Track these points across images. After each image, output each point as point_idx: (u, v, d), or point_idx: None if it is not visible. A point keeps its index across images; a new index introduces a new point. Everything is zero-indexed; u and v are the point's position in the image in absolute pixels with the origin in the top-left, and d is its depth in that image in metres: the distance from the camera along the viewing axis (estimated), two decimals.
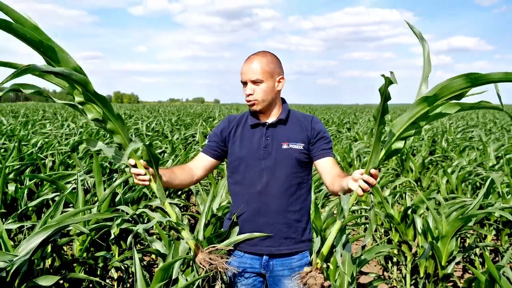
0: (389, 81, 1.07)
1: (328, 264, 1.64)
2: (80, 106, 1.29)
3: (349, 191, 1.37)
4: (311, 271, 1.44)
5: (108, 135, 6.98)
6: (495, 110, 1.07)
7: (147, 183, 1.42)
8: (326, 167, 1.66)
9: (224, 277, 1.49)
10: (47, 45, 1.15)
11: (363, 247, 3.06)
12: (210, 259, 1.48)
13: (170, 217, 1.47)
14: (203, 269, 1.48)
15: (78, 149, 1.49)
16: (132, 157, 1.40)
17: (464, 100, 1.15)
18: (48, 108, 26.88)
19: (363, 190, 1.30)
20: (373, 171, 1.29)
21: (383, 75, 1.07)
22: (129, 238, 1.41)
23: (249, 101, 1.68)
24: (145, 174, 1.41)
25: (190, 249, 1.55)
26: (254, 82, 1.66)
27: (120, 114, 1.34)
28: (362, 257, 2.15)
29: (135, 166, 1.41)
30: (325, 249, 1.42)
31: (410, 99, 1.35)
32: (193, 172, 1.72)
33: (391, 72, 1.07)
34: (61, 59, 1.19)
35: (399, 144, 1.25)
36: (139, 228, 1.40)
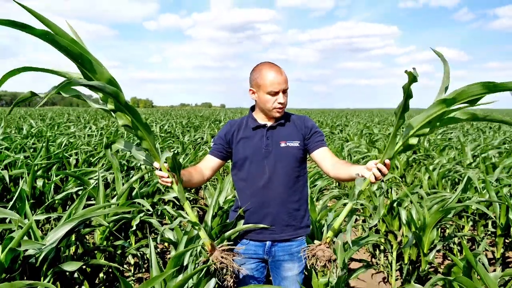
0: (412, 78, 1.03)
1: (337, 239, 1.59)
2: (112, 113, 1.28)
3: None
4: (320, 245, 1.40)
5: (125, 134, 6.99)
6: (502, 123, 1.05)
7: (169, 184, 1.42)
8: (324, 156, 1.66)
9: (232, 280, 1.48)
10: (85, 57, 1.13)
11: (371, 228, 3.06)
12: (222, 257, 1.46)
13: (188, 216, 1.47)
14: (215, 266, 1.47)
15: (111, 147, 1.49)
16: (158, 161, 1.41)
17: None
18: (72, 112, 26.93)
19: (376, 178, 1.29)
20: (387, 161, 1.28)
21: (406, 71, 1.01)
22: (147, 230, 1.42)
23: (281, 108, 1.67)
24: (168, 177, 1.41)
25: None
26: (284, 91, 1.66)
27: (148, 123, 1.33)
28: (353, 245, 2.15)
29: (159, 169, 1.42)
30: (336, 225, 1.38)
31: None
32: (203, 172, 1.72)
33: (414, 68, 1.01)
34: (97, 70, 1.17)
35: (414, 140, 1.24)
36: (166, 228, 1.40)
